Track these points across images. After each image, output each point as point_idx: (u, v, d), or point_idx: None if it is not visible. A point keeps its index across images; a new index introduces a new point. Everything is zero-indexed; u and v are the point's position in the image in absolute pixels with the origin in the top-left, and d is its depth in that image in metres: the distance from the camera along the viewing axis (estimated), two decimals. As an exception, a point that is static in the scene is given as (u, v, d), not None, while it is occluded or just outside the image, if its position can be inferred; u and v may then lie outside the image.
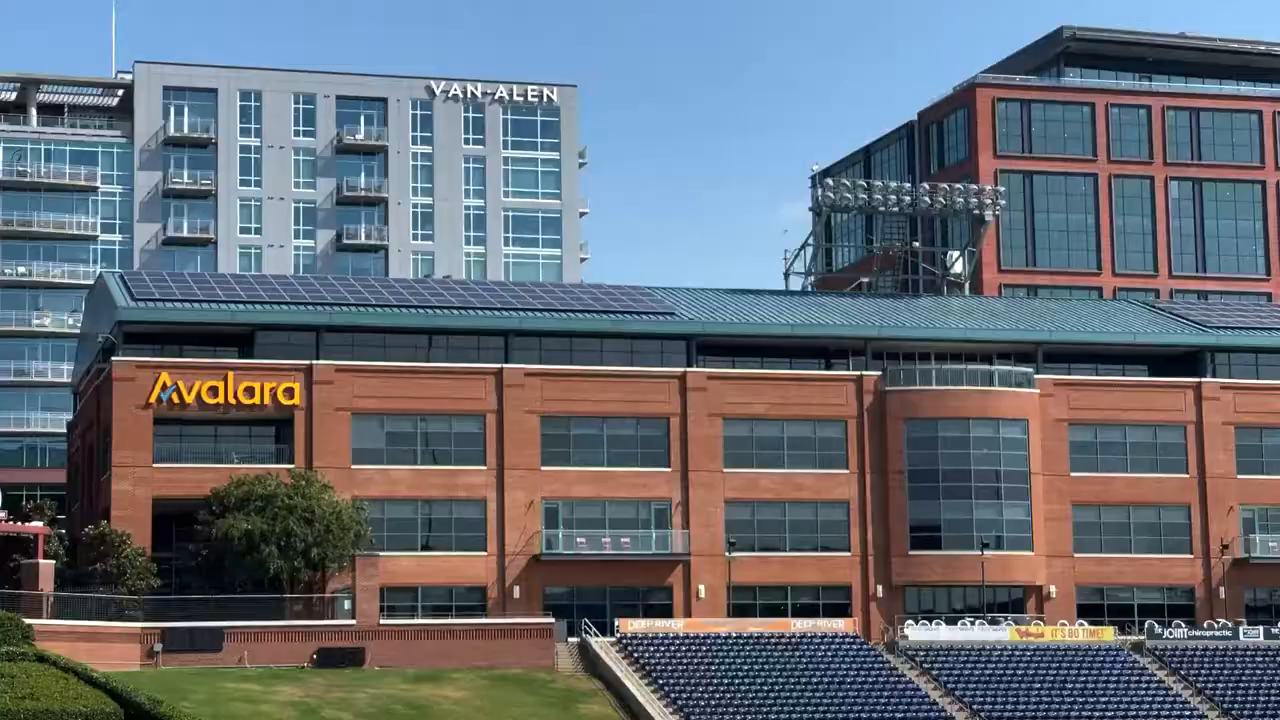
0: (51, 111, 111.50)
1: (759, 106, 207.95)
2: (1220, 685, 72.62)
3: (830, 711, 68.86)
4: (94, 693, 55.14)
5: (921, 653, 71.71)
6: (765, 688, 67.55)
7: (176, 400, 69.27)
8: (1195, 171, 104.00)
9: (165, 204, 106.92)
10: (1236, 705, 66.47)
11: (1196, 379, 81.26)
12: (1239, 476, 78.97)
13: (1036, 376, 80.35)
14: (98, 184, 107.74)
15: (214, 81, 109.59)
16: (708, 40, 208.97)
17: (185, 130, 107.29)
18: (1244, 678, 67.86)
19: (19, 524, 71.27)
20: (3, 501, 73.69)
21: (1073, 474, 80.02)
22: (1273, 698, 67.81)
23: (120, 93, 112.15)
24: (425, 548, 73.89)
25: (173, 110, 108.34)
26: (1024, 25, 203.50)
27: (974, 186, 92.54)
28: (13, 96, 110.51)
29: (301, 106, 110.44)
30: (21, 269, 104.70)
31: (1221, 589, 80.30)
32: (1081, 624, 77.15)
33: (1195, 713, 66.29)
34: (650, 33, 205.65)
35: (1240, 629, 72.55)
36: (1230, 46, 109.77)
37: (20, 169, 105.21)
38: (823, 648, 72.87)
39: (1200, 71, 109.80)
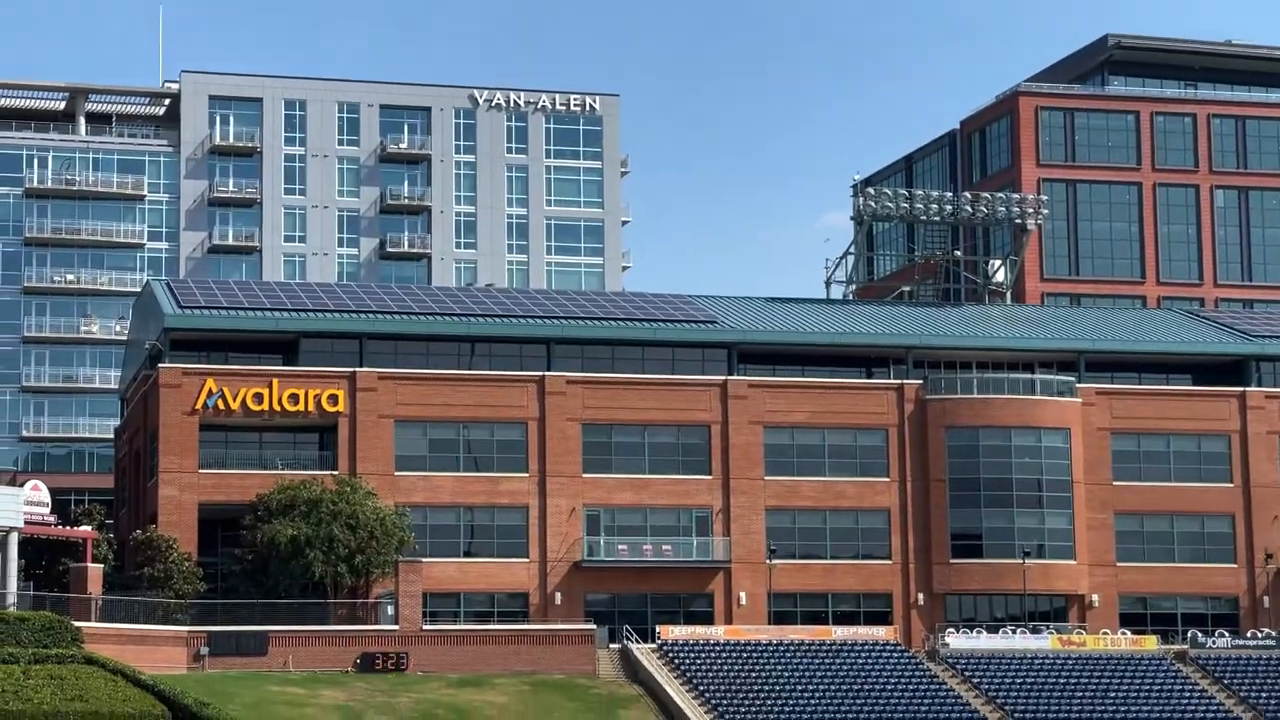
0: (99, 121, 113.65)
1: (801, 116, 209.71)
2: (1264, 695, 72.38)
3: (870, 718, 69.02)
4: (142, 695, 56.68)
5: (962, 661, 71.98)
6: (805, 695, 67.95)
7: (222, 407, 70.29)
8: (1240, 180, 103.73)
9: (210, 212, 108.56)
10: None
11: (1241, 388, 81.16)
12: (1283, 485, 78.87)
13: (1079, 385, 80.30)
14: (144, 192, 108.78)
15: (259, 91, 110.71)
16: (749, 48, 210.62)
17: (230, 139, 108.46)
18: (1287, 687, 67.44)
19: (68, 528, 72.01)
20: (51, 506, 72.33)
21: (1115, 483, 80.00)
22: (1316, 707, 67.13)
23: (167, 102, 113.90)
24: (467, 554, 73.90)
25: (218, 119, 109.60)
26: (1068, 33, 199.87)
27: (1016, 195, 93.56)
28: (61, 106, 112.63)
29: (345, 115, 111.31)
30: (70, 276, 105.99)
31: (1265, 598, 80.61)
32: (1124, 633, 77.13)
33: (1238, 722, 65.85)
34: (691, 41, 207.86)
35: (1284, 638, 70.86)
36: (1276, 54, 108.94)
37: (68, 178, 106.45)
38: (862, 655, 73.02)
39: (1246, 79, 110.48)
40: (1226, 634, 76.03)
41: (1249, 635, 76.73)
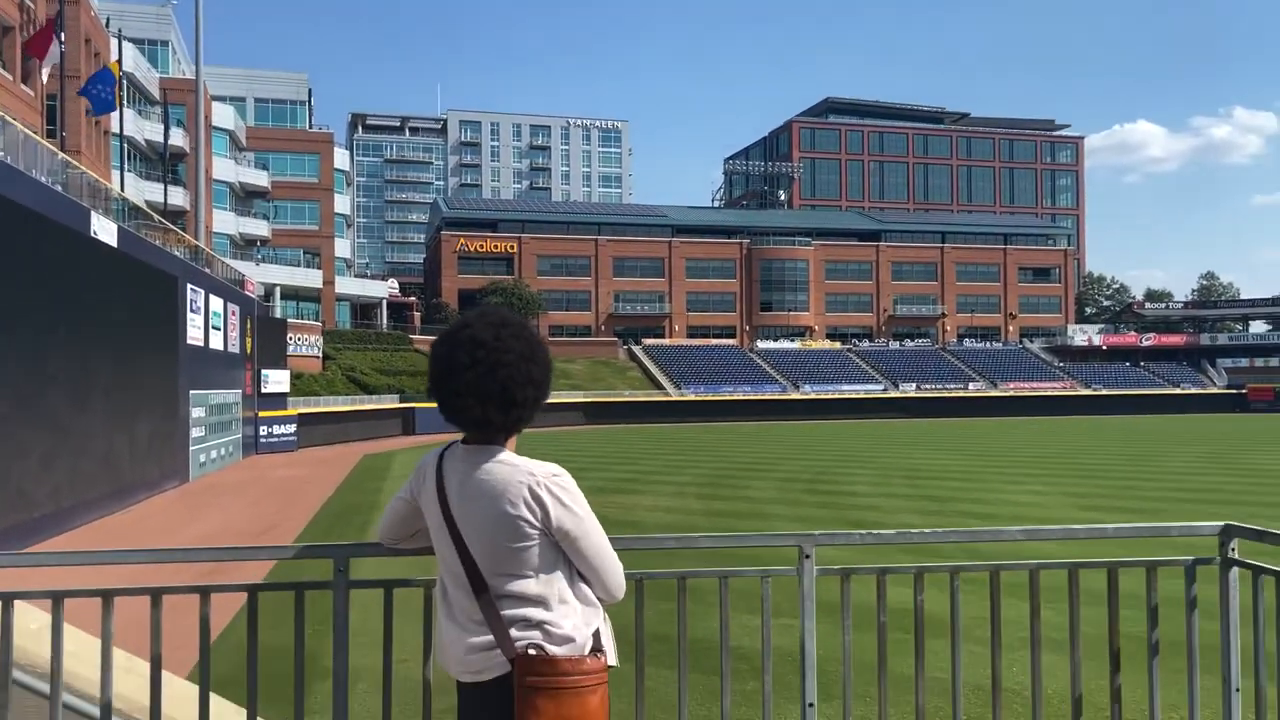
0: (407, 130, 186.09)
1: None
2: (880, 364, 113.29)
3: (724, 371, 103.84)
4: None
5: (767, 354, 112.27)
6: (704, 365, 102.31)
7: (471, 250, 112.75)
8: (877, 158, 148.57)
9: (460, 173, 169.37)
10: None
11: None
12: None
13: (813, 242, 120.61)
14: (433, 161, 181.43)
15: (493, 118, 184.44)
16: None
17: (469, 138, 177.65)
18: None
19: (405, 297, 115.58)
20: (400, 289, 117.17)
21: (826, 281, 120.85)
22: None
23: (442, 122, 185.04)
24: (568, 309, 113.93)
25: (467, 131, 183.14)
26: (811, 94, 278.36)
27: (789, 164, 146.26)
28: (396, 123, 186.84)
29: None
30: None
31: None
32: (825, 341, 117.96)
33: None
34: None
35: None
36: (909, 106, 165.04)
37: (390, 158, 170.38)
38: (721, 351, 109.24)
39: (891, 115, 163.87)
40: (869, 340, 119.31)
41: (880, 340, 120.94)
